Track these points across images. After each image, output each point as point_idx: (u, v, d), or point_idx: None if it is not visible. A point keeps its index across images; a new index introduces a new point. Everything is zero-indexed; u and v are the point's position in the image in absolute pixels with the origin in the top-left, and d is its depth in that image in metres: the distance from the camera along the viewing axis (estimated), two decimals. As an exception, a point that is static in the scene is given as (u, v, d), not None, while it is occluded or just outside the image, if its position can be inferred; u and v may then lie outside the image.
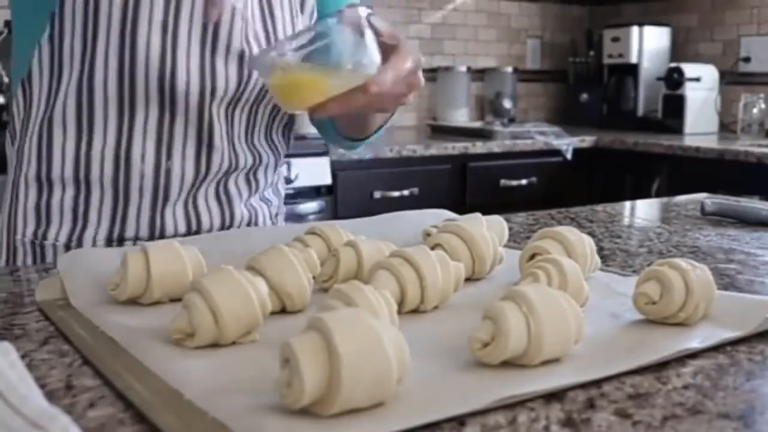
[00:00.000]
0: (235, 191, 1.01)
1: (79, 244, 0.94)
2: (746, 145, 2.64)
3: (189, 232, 0.98)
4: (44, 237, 0.96)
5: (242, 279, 0.60)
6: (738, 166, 2.51)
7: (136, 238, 0.95)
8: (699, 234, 1.07)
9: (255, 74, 0.95)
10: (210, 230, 1.00)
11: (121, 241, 0.95)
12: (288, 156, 1.16)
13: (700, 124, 3.11)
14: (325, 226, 0.84)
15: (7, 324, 0.66)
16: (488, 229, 0.82)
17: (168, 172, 0.95)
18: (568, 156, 2.77)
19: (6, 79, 2.25)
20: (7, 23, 2.31)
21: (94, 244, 0.94)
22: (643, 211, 1.35)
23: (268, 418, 0.46)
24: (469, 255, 0.78)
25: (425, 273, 0.68)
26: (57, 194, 0.95)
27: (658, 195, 2.61)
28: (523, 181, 2.73)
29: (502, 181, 2.71)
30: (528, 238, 1.01)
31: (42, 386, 0.51)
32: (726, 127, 3.16)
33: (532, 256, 0.78)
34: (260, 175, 1.03)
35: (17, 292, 0.76)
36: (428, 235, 0.88)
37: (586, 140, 2.93)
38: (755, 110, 3.00)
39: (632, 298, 0.66)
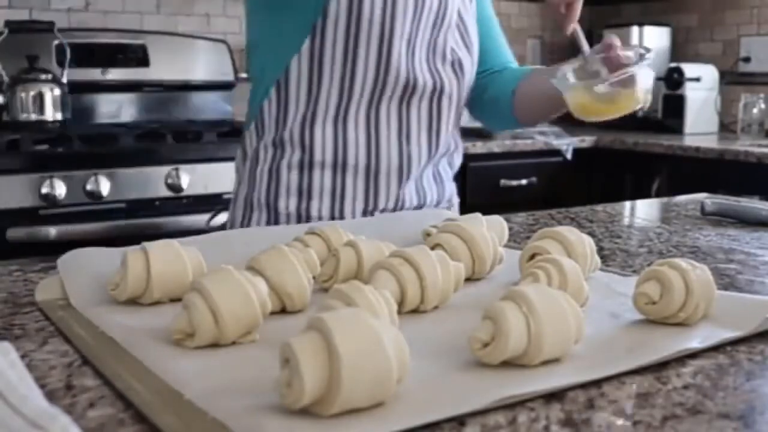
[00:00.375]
0: (443, 172, 1.23)
1: (341, 216, 1.12)
2: (746, 145, 2.64)
3: (419, 206, 1.18)
4: (307, 210, 1.12)
5: (242, 279, 0.60)
6: (738, 166, 2.51)
7: (383, 210, 1.14)
8: (699, 234, 1.07)
9: (464, 76, 1.16)
10: (432, 204, 1.20)
11: (373, 212, 1.14)
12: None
13: (700, 124, 3.11)
14: (325, 226, 0.84)
15: (7, 324, 0.66)
16: (488, 229, 0.82)
17: (409, 155, 1.14)
18: (568, 156, 2.77)
19: (6, 79, 2.25)
20: (8, 23, 2.30)
21: (353, 216, 1.12)
22: (643, 211, 1.35)
23: (268, 418, 0.46)
24: (469, 255, 0.78)
25: (425, 273, 0.68)
26: (317, 175, 1.12)
27: (658, 195, 2.60)
28: (523, 181, 2.73)
29: (502, 181, 2.71)
30: (528, 238, 1.01)
31: (42, 386, 0.51)
32: (726, 127, 3.16)
33: (532, 256, 0.78)
34: (455, 158, 1.26)
35: (17, 292, 0.76)
36: (428, 235, 0.88)
37: (586, 140, 2.93)
38: (755, 110, 3.00)
39: (632, 298, 0.66)
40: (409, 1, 1.07)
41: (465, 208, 1.20)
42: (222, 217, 1.32)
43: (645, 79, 0.95)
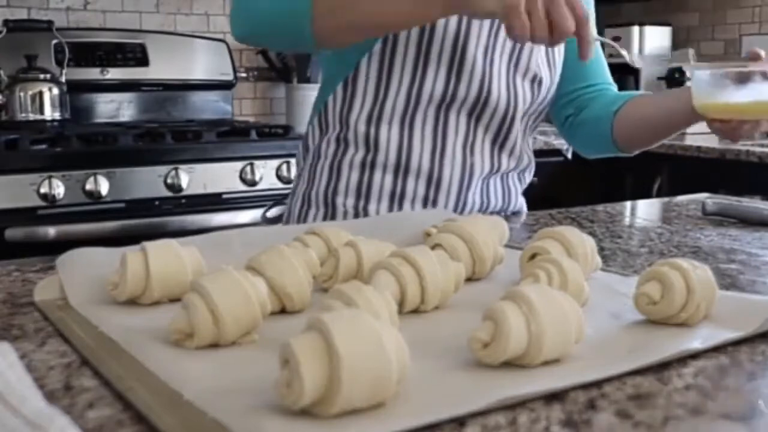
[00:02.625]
0: (512, 185, 1.23)
1: None
2: (748, 145, 2.64)
3: (482, 210, 1.18)
4: (365, 209, 1.12)
5: (242, 279, 0.60)
6: (739, 165, 2.51)
7: None
8: (700, 234, 1.07)
9: (540, 94, 1.15)
10: (496, 211, 1.19)
11: None
12: (288, 156, 1.23)
13: (701, 123, 3.10)
14: (325, 226, 0.84)
15: (6, 324, 0.66)
16: (489, 229, 0.81)
17: (472, 166, 1.14)
18: (569, 156, 2.76)
19: (5, 78, 2.25)
20: (6, 22, 2.30)
21: None
22: (644, 211, 1.34)
23: (268, 418, 0.46)
24: (469, 255, 0.78)
25: (425, 273, 0.67)
26: (378, 176, 1.12)
27: (659, 195, 2.60)
28: (524, 181, 2.73)
29: (503, 181, 2.71)
30: (528, 238, 1.01)
31: (41, 387, 0.51)
32: (727, 127, 3.15)
33: (533, 256, 0.77)
34: (526, 175, 1.25)
35: (16, 293, 0.76)
36: (428, 235, 0.88)
37: (587, 140, 2.92)
38: (756, 110, 2.99)
39: (633, 299, 0.66)
40: (483, 27, 1.08)
41: (465, 208, 1.19)
42: (277, 210, 1.33)
43: None
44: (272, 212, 1.34)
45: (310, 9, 0.97)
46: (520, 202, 1.27)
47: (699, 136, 2.98)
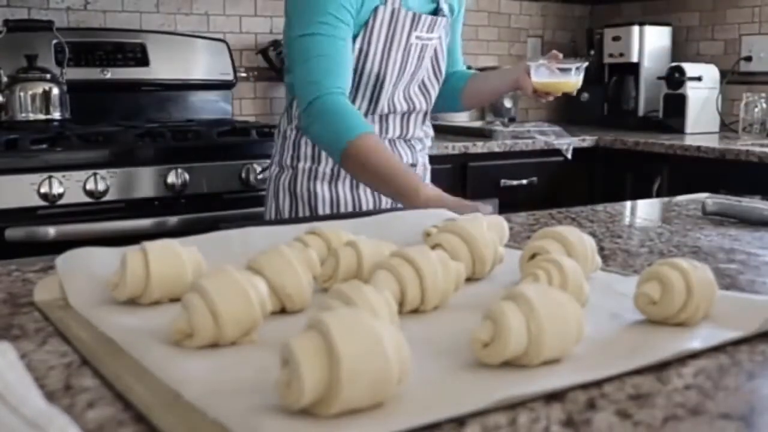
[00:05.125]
0: (415, 144, 1.66)
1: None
2: (748, 145, 2.64)
3: None
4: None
5: (242, 279, 0.60)
6: (739, 165, 2.50)
7: None
8: (700, 234, 1.07)
9: (428, 94, 1.66)
10: (408, 162, 1.62)
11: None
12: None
13: (701, 123, 3.10)
14: (325, 226, 0.84)
15: (6, 324, 0.66)
16: (488, 229, 0.82)
17: (387, 140, 1.59)
18: (569, 156, 2.76)
19: (5, 78, 2.25)
20: (6, 22, 2.30)
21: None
22: (644, 210, 1.34)
23: (268, 418, 0.46)
24: (469, 255, 0.78)
25: (425, 273, 0.67)
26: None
27: (659, 195, 2.60)
28: (524, 181, 2.73)
29: (503, 181, 2.70)
30: (528, 238, 1.01)
31: (41, 387, 0.51)
32: (727, 127, 3.15)
33: (533, 256, 0.77)
34: (425, 141, 1.71)
35: (16, 293, 0.76)
36: (428, 235, 0.88)
37: (587, 140, 2.92)
38: (757, 110, 2.99)
39: (633, 299, 0.66)
40: (395, 70, 1.53)
41: (465, 208, 1.19)
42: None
43: (576, 77, 1.58)
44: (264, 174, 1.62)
45: (339, 159, 1.41)
46: (423, 158, 1.69)
47: (699, 136, 2.98)
